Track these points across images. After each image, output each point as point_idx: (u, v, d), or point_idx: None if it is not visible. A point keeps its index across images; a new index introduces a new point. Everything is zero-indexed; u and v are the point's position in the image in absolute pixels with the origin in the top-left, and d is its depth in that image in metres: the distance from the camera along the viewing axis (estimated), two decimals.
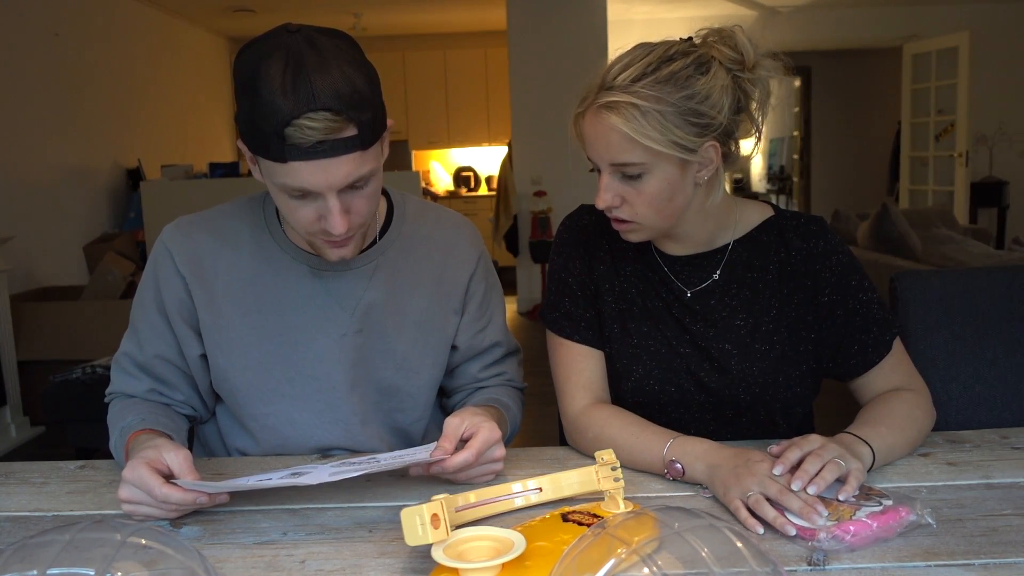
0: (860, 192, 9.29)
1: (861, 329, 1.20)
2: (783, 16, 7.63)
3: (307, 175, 1.02)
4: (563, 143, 1.16)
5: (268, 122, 0.99)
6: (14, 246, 3.95)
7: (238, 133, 1.12)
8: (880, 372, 1.21)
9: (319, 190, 1.04)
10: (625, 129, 1.05)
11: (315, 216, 1.07)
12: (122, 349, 1.26)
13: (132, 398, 1.24)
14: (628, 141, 1.06)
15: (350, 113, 1.00)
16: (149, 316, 1.23)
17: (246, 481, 1.00)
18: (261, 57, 1.01)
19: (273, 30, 1.05)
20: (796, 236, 1.23)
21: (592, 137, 1.11)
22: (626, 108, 1.05)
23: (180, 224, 1.25)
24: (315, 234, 1.10)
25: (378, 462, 1.05)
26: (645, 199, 1.11)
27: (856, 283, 1.21)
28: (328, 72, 0.99)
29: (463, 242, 1.31)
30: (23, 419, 3.85)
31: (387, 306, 1.24)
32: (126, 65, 5.81)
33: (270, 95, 0.98)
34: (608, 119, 1.07)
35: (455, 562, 0.81)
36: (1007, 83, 7.45)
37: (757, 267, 1.23)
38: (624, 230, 1.17)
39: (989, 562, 0.84)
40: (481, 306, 1.31)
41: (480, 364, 1.32)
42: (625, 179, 1.11)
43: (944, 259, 3.96)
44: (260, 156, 1.04)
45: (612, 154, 1.09)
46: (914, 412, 1.15)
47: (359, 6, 6.73)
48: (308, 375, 1.22)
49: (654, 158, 1.08)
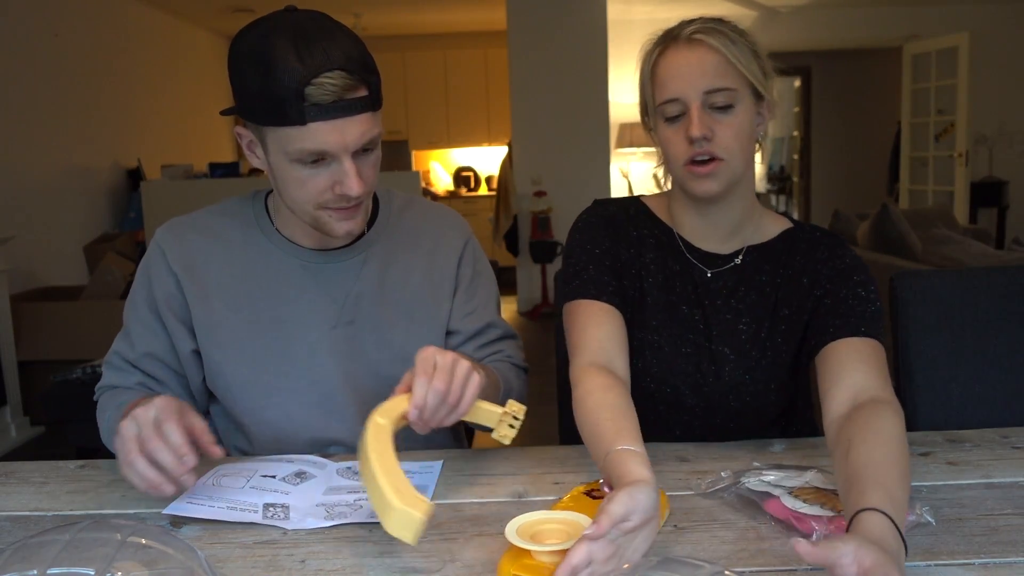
0: (860, 192, 9.29)
1: (842, 313, 1.13)
2: (783, 16, 7.63)
3: (325, 135, 1.05)
4: (563, 143, 1.17)
5: (285, 86, 1.02)
6: (14, 246, 3.95)
7: (238, 118, 1.13)
8: (848, 350, 1.09)
9: (336, 151, 1.07)
10: (725, 51, 1.11)
11: (328, 184, 1.10)
12: (113, 348, 1.28)
13: (120, 389, 1.25)
14: (725, 65, 1.11)
15: (361, 74, 1.06)
16: (140, 314, 1.25)
17: (239, 496, 1.02)
18: (265, 34, 1.05)
19: (266, 16, 1.09)
20: (806, 245, 1.23)
21: (683, 67, 1.12)
22: (722, 35, 1.12)
23: (172, 225, 1.28)
24: (326, 205, 1.12)
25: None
26: (733, 131, 1.12)
27: (859, 280, 1.17)
28: (335, 38, 1.05)
29: (450, 230, 1.34)
30: (23, 419, 3.85)
31: (378, 297, 1.25)
32: (126, 65, 5.81)
33: (284, 61, 1.02)
34: (707, 43, 1.11)
35: (531, 544, 0.81)
36: (1007, 83, 7.45)
37: (767, 271, 1.23)
38: (708, 171, 1.13)
39: (989, 562, 0.84)
40: (470, 289, 1.32)
41: (475, 344, 1.32)
42: (714, 111, 1.12)
43: (944, 259, 3.96)
44: (275, 126, 1.06)
45: (708, 80, 1.11)
46: (902, 435, 0.95)
47: (359, 6, 6.73)
48: (302, 368, 1.23)
49: (743, 87, 1.12)
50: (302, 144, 1.06)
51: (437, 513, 1.00)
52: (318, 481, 1.08)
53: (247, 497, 1.02)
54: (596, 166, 6.26)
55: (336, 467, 1.13)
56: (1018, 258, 4.02)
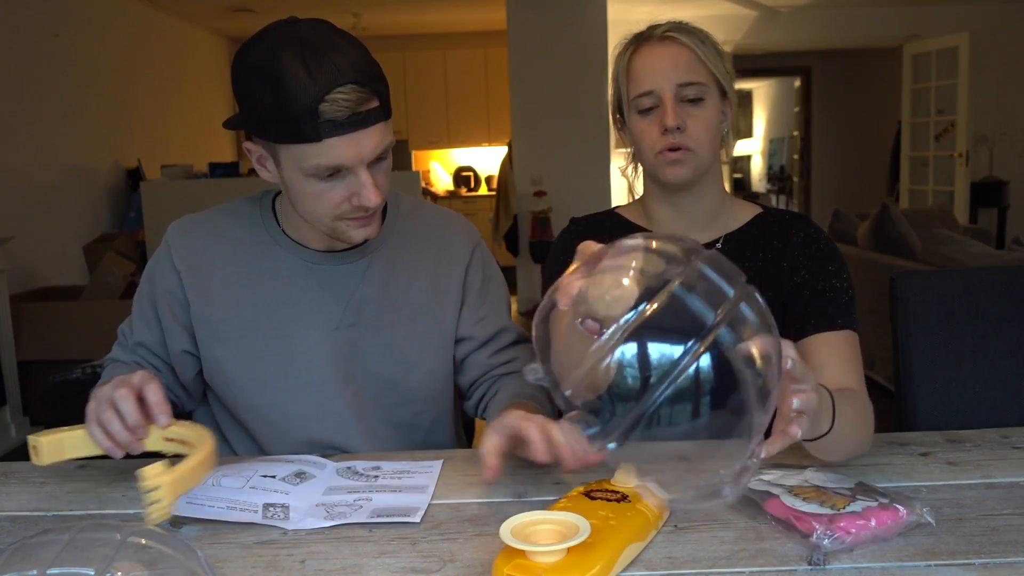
0: (860, 192, 9.28)
1: (820, 306, 1.20)
2: (783, 16, 7.63)
3: (340, 150, 1.05)
4: (563, 143, 1.19)
5: (299, 103, 1.02)
6: (14, 246, 3.95)
7: (247, 134, 1.12)
8: (821, 345, 1.18)
9: (351, 164, 1.07)
10: (696, 48, 1.19)
11: (344, 196, 1.10)
12: (122, 325, 1.32)
13: (121, 363, 1.29)
14: (696, 61, 1.19)
15: (372, 85, 1.06)
16: (141, 305, 1.29)
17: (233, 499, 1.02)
18: (270, 49, 1.04)
19: (267, 28, 1.08)
20: (779, 228, 1.28)
21: (657, 62, 1.20)
22: (692, 34, 1.20)
23: (182, 222, 1.30)
24: (343, 216, 1.13)
25: (377, 479, 1.08)
26: (703, 124, 1.19)
27: (833, 270, 1.23)
28: (341, 50, 1.04)
29: (457, 235, 1.33)
30: (23, 419, 3.85)
31: (382, 300, 1.25)
32: (126, 65, 5.81)
33: (295, 79, 1.01)
34: (679, 40, 1.19)
35: (525, 544, 0.81)
36: (1007, 83, 7.45)
37: (747, 257, 1.26)
38: (677, 157, 1.20)
39: (989, 562, 0.84)
40: (480, 294, 1.32)
41: (489, 351, 1.32)
42: (685, 104, 1.19)
43: (944, 259, 3.96)
44: (288, 143, 1.06)
45: (681, 73, 1.18)
46: (866, 413, 1.10)
47: (359, 6, 6.73)
48: (301, 368, 1.23)
49: (711, 83, 1.20)
50: (318, 160, 1.06)
51: (437, 513, 1.00)
52: (318, 481, 1.08)
53: (247, 497, 1.02)
54: (596, 166, 6.25)
55: (336, 467, 1.13)
56: (1018, 258, 4.02)
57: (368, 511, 0.99)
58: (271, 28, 1.08)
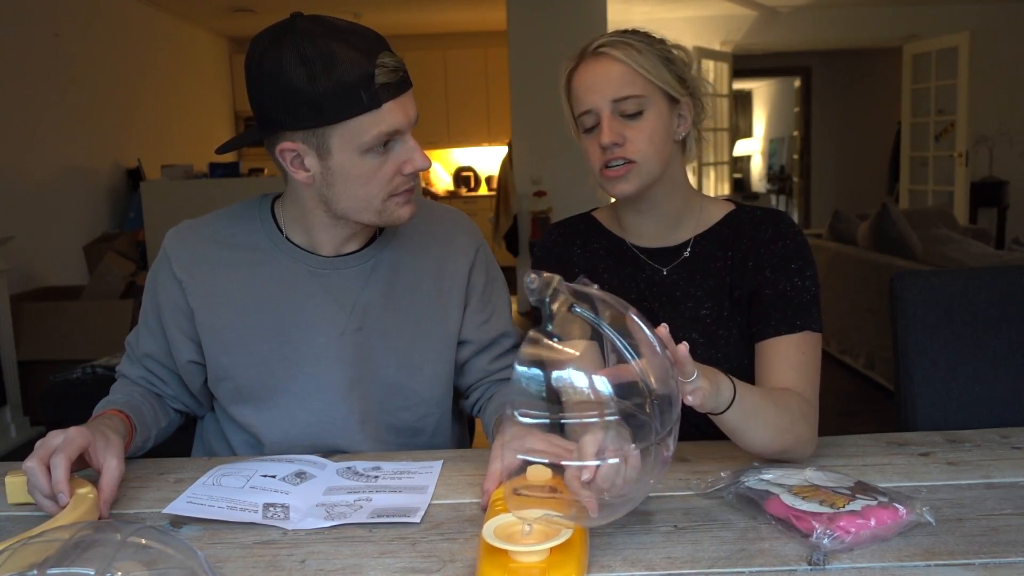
0: (860, 192, 9.29)
1: (779, 307, 1.19)
2: (783, 16, 7.63)
3: (395, 114, 1.09)
4: (563, 143, 1.19)
5: (355, 73, 1.05)
6: (14, 246, 3.95)
7: (292, 127, 1.08)
8: (776, 351, 1.17)
9: (403, 127, 1.11)
10: (627, 61, 1.17)
11: (395, 169, 1.13)
12: (129, 336, 1.32)
13: (128, 379, 1.30)
14: (629, 74, 1.17)
15: (397, 54, 1.11)
16: (146, 315, 1.28)
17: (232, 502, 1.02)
18: (302, 38, 1.05)
19: (275, 30, 1.08)
20: (751, 225, 1.27)
21: (591, 80, 1.19)
22: (624, 47, 1.18)
23: (180, 229, 1.27)
24: (395, 191, 1.15)
25: (377, 479, 1.08)
26: (645, 135, 1.18)
27: (796, 268, 1.22)
28: (357, 27, 1.10)
29: (460, 236, 1.33)
30: (23, 419, 3.85)
31: (386, 304, 1.24)
32: (126, 65, 5.81)
33: (343, 54, 1.05)
34: (609, 55, 1.17)
35: (507, 544, 0.81)
36: (1007, 83, 7.45)
37: (718, 257, 1.27)
38: (620, 174, 1.20)
39: (989, 562, 0.84)
40: (483, 297, 1.32)
41: (489, 356, 1.32)
42: (625, 119, 1.18)
43: (944, 259, 3.96)
44: (347, 119, 1.07)
45: (614, 89, 1.17)
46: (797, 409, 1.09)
47: (359, 6, 6.73)
48: (308, 373, 1.22)
49: (651, 92, 1.18)
50: (377, 128, 1.08)
51: (437, 513, 1.00)
52: (318, 481, 1.08)
53: (247, 497, 1.02)
54: None
55: (336, 467, 1.13)
56: (1018, 258, 4.02)
57: (368, 511, 0.99)
58: (282, 28, 1.07)
